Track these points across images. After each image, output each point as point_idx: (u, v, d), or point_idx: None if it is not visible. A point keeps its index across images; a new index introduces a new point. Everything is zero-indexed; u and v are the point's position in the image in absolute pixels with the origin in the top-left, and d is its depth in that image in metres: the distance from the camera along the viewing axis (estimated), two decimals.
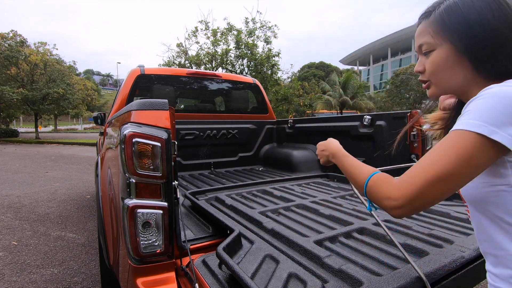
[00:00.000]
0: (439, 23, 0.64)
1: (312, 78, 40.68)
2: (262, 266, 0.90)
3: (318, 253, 0.94)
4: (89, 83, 33.80)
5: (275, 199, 1.72)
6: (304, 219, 1.36)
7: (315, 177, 2.34)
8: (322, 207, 1.51)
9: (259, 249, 1.00)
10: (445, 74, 0.65)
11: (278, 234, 1.12)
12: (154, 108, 1.02)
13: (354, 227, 1.21)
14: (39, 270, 2.29)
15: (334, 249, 1.03)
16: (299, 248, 1.00)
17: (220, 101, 3.75)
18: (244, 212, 1.39)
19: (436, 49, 0.65)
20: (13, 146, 14.97)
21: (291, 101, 11.44)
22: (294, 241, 1.04)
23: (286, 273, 0.85)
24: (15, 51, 16.76)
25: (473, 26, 0.59)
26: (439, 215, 1.36)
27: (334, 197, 1.71)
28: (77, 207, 3.98)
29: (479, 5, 0.59)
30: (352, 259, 0.95)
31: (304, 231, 1.19)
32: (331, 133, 2.55)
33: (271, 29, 11.18)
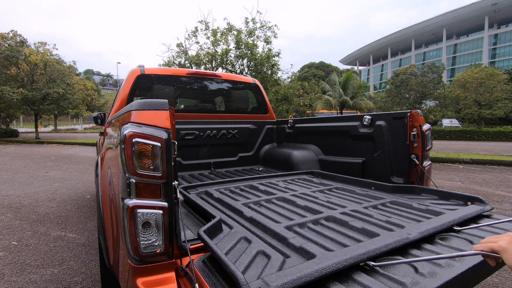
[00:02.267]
0: None
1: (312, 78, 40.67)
2: (236, 245, 1.04)
3: (285, 235, 1.11)
4: (89, 83, 33.82)
5: (259, 192, 1.88)
6: (281, 209, 1.52)
7: (301, 173, 2.46)
8: (300, 199, 1.66)
9: (236, 233, 1.14)
10: None
11: (254, 221, 1.28)
12: (154, 108, 1.01)
13: (323, 215, 1.38)
14: (39, 270, 2.29)
15: (301, 232, 1.20)
16: (271, 232, 1.17)
17: (220, 101, 3.75)
18: (228, 203, 1.56)
19: None
20: (13, 146, 14.96)
21: (291, 101, 11.43)
22: (267, 226, 1.20)
23: (255, 251, 1.00)
24: (15, 51, 16.75)
25: None
26: (402, 206, 1.54)
27: (313, 191, 1.87)
28: (77, 207, 3.98)
29: None
30: (314, 239, 1.12)
31: (278, 219, 1.36)
32: (331, 133, 2.55)
33: (271, 29, 11.16)
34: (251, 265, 0.91)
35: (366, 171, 2.19)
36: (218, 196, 1.70)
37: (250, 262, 0.92)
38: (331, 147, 2.60)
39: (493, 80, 20.12)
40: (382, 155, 2.04)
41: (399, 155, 1.95)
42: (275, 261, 0.93)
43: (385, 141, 2.02)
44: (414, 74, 21.85)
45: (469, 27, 50.51)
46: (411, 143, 1.89)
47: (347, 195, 1.80)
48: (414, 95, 21.56)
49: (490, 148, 11.93)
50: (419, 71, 22.54)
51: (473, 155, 8.50)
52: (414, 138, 1.86)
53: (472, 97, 20.83)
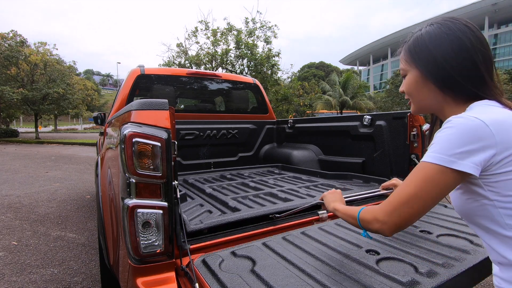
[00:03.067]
0: (409, 52, 0.76)
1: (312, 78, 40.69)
2: (192, 208, 1.43)
3: (227, 201, 1.59)
4: (89, 83, 33.84)
5: (225, 179, 2.37)
6: (236, 189, 2.00)
7: (267, 166, 2.93)
8: (254, 183, 2.14)
9: (195, 201, 1.66)
10: (417, 95, 0.77)
11: (211, 195, 1.79)
12: (154, 108, 1.01)
13: (263, 191, 1.84)
14: (39, 270, 2.29)
15: (240, 200, 1.67)
16: (219, 201, 1.66)
17: (220, 101, 3.75)
18: (197, 186, 2.06)
19: (407, 74, 0.77)
20: (13, 146, 14.97)
21: (291, 101, 11.43)
22: (217, 197, 1.70)
23: (204, 210, 1.48)
24: (15, 51, 16.76)
25: (436, 57, 0.70)
26: (327, 186, 2.01)
27: (268, 178, 2.33)
28: (77, 207, 3.98)
29: (443, 40, 0.69)
30: (246, 204, 1.59)
31: (229, 194, 1.83)
32: (331, 133, 2.55)
33: (271, 29, 11.17)
34: (198, 216, 1.35)
35: (366, 171, 2.19)
36: (192, 182, 2.21)
37: (198, 215, 1.38)
38: (331, 147, 2.60)
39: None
40: (382, 155, 2.04)
41: (399, 155, 1.95)
42: (214, 214, 1.39)
43: (385, 141, 2.02)
44: None
45: None
46: (411, 143, 1.89)
47: (292, 180, 2.26)
48: None
49: None
50: None
51: None
52: (414, 138, 1.86)
53: None
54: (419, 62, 0.74)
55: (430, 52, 0.71)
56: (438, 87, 0.72)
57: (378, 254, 1.00)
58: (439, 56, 0.69)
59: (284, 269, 0.91)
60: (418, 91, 0.76)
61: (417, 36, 0.75)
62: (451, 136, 0.60)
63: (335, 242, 1.10)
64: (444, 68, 0.69)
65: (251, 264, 0.95)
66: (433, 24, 0.73)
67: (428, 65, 0.72)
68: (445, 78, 0.70)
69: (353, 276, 0.86)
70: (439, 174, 0.61)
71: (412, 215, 0.65)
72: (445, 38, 0.69)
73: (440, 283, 0.83)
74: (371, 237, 0.97)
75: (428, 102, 0.76)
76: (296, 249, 1.05)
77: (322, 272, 0.89)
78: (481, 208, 0.64)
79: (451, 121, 0.62)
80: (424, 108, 0.78)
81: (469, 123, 0.59)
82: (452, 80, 0.69)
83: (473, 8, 46.15)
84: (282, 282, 0.83)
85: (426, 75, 0.73)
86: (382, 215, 0.69)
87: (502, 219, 0.62)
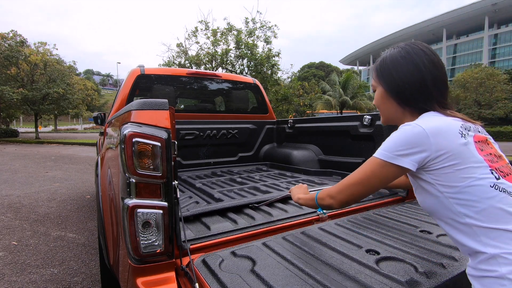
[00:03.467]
0: (376, 71, 0.91)
1: (312, 78, 40.68)
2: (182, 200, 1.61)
3: (213, 194, 1.78)
4: (89, 83, 33.83)
5: (216, 176, 2.53)
6: (223, 183, 2.17)
7: (258, 164, 3.10)
8: (240, 178, 2.33)
9: (185, 194, 1.85)
10: (383, 108, 0.91)
11: (200, 189, 1.98)
12: (154, 108, 1.01)
13: (248, 185, 2.03)
14: (39, 270, 2.29)
15: (226, 193, 1.83)
16: (206, 193, 1.86)
17: (220, 101, 3.75)
18: (189, 181, 2.22)
19: (376, 90, 0.92)
20: (13, 146, 14.97)
21: (291, 101, 11.43)
22: (205, 190, 1.90)
23: (192, 201, 1.69)
24: (15, 51, 16.75)
25: (395, 78, 0.84)
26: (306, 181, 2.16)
27: (255, 174, 2.49)
28: (77, 207, 3.98)
29: (401, 63, 0.83)
30: (230, 195, 1.78)
31: (216, 187, 2.00)
32: (331, 133, 2.55)
33: (271, 29, 11.17)
34: (186, 206, 1.53)
35: None
36: (185, 178, 2.37)
37: (186, 205, 1.57)
38: (331, 147, 2.60)
39: (493, 80, 20.14)
40: None
41: None
42: (201, 205, 1.59)
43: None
44: None
45: (469, 27, 50.53)
46: None
47: (277, 176, 2.42)
48: None
49: None
50: None
51: None
52: None
53: (472, 97, 20.84)
54: (383, 81, 0.88)
55: (391, 73, 0.85)
56: (397, 102, 0.86)
57: (378, 254, 1.00)
58: (397, 77, 0.83)
59: (284, 269, 0.91)
60: (383, 104, 0.90)
61: (383, 58, 0.89)
62: (396, 138, 0.76)
63: (335, 242, 1.10)
64: (402, 87, 0.83)
65: (251, 264, 0.95)
66: (395, 47, 0.87)
67: (390, 84, 0.86)
68: (402, 95, 0.84)
69: (353, 276, 0.86)
70: (381, 167, 0.78)
71: (356, 196, 0.84)
72: (403, 61, 0.83)
73: (440, 283, 0.83)
74: (325, 213, 1.35)
75: (392, 114, 0.90)
76: (296, 249, 1.05)
77: (322, 272, 0.89)
78: (437, 201, 0.76)
79: (401, 127, 0.77)
80: (389, 119, 0.92)
81: (412, 129, 0.74)
82: (408, 97, 0.83)
83: (473, 8, 46.12)
84: (282, 282, 0.83)
85: (389, 92, 0.87)
86: (334, 192, 0.89)
87: (455, 208, 0.73)
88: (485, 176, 0.70)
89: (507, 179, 0.72)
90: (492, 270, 0.67)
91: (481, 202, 0.69)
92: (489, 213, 0.68)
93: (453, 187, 0.72)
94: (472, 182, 0.70)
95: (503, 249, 0.66)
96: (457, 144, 0.71)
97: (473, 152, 0.72)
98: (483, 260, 0.69)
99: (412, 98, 0.82)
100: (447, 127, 0.74)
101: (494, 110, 20.31)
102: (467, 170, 0.70)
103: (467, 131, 0.75)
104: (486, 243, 0.68)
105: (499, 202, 0.68)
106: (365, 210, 1.54)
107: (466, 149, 0.71)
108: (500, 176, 0.71)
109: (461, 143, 0.72)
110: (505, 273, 0.65)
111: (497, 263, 0.66)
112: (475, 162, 0.71)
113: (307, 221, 1.37)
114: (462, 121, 0.77)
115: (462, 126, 0.75)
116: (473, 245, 0.70)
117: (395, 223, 1.31)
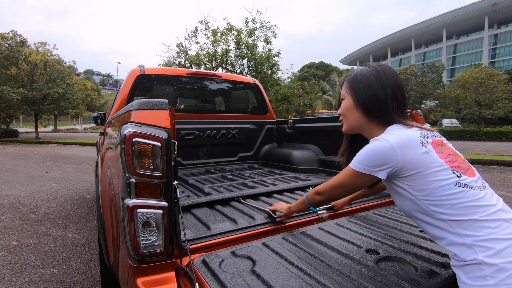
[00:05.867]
0: (348, 84, 1.02)
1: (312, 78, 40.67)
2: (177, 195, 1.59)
3: (204, 188, 1.89)
4: (89, 83, 33.82)
5: (208, 173, 2.60)
6: (215, 180, 2.26)
7: (251, 162, 3.17)
8: (231, 175, 2.40)
9: (180, 189, 1.92)
10: (349, 117, 1.02)
11: (193, 185, 2.05)
12: (154, 108, 1.01)
13: (237, 182, 2.12)
14: (39, 270, 2.29)
15: (216, 188, 1.93)
16: (198, 188, 1.95)
17: (220, 101, 3.75)
18: (182, 178, 2.32)
19: (345, 99, 1.03)
20: (13, 146, 14.97)
21: (291, 101, 11.42)
22: (197, 186, 1.99)
23: (184, 195, 1.82)
24: (15, 51, 16.73)
25: (363, 93, 0.97)
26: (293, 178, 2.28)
27: (245, 172, 2.59)
28: (77, 207, 3.98)
29: (371, 82, 0.96)
30: (219, 190, 1.89)
31: (208, 184, 2.08)
32: (331, 133, 2.55)
33: (271, 29, 11.15)
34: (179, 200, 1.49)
35: None
36: (180, 175, 2.45)
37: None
38: (331, 147, 2.60)
39: (493, 80, 20.11)
40: None
41: None
42: (192, 198, 1.72)
43: None
44: (414, 74, 21.84)
45: (469, 27, 50.50)
46: None
47: (266, 174, 2.51)
48: (414, 95, 21.56)
49: (490, 148, 11.94)
50: (419, 71, 22.53)
51: (473, 155, 8.51)
52: None
53: (472, 97, 20.81)
54: (353, 93, 1.00)
55: (360, 89, 0.98)
56: (363, 114, 0.98)
57: (378, 254, 1.00)
58: (365, 93, 0.96)
59: (284, 269, 0.91)
60: (350, 114, 1.01)
61: (356, 74, 1.01)
62: (369, 152, 0.86)
63: (335, 242, 1.10)
64: (368, 101, 0.96)
65: (251, 264, 0.95)
66: (368, 67, 0.99)
67: (359, 98, 0.98)
68: (369, 108, 0.96)
69: (353, 276, 0.86)
70: (356, 176, 0.90)
71: (339, 194, 1.02)
72: (371, 79, 0.95)
73: (440, 283, 0.83)
74: (316, 210, 1.41)
75: (357, 124, 1.01)
76: (296, 249, 1.05)
77: (322, 272, 0.89)
78: (412, 203, 0.86)
79: (372, 141, 0.88)
80: (353, 128, 1.03)
81: (381, 144, 0.84)
82: (373, 110, 0.95)
83: (473, 8, 46.11)
84: (282, 282, 0.83)
85: (356, 104, 0.98)
86: (321, 190, 1.05)
87: (428, 208, 0.82)
88: (448, 177, 0.80)
89: (467, 174, 0.82)
90: (472, 259, 0.75)
91: (449, 199, 0.78)
92: (458, 208, 0.77)
93: (423, 190, 0.81)
94: (438, 184, 0.79)
95: (476, 236, 0.75)
96: (419, 154, 0.81)
97: (434, 158, 0.82)
98: (463, 251, 0.77)
99: (376, 111, 0.95)
100: (409, 139, 0.84)
101: (494, 110, 20.29)
102: (431, 174, 0.80)
103: (426, 138, 0.85)
104: (461, 233, 0.77)
105: (464, 197, 0.78)
106: (365, 210, 1.55)
107: (427, 156, 0.81)
108: (461, 174, 0.81)
109: (423, 151, 0.82)
110: (482, 259, 0.73)
111: (474, 252, 0.75)
112: (437, 166, 0.80)
113: (307, 221, 1.37)
114: (420, 130, 0.88)
115: (421, 135, 0.85)
116: (451, 237, 0.79)
117: (395, 223, 1.31)
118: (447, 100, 22.71)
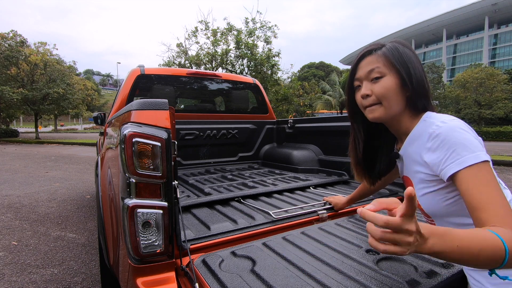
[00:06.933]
0: (386, 57, 0.80)
1: (312, 78, 40.69)
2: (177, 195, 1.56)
3: (204, 188, 1.89)
4: (89, 83, 33.80)
5: (209, 173, 2.61)
6: (215, 180, 2.27)
7: (251, 162, 3.19)
8: (231, 175, 2.41)
9: (180, 189, 1.94)
10: (391, 98, 0.80)
11: (193, 185, 2.05)
12: (154, 108, 1.01)
13: (237, 182, 2.11)
14: (39, 270, 2.29)
15: (216, 188, 1.94)
16: (198, 188, 1.95)
17: (220, 101, 3.75)
18: (182, 178, 2.34)
19: (384, 77, 0.80)
20: (13, 146, 14.97)
21: (291, 101, 11.43)
22: (197, 186, 2.00)
23: (184, 195, 1.82)
24: (15, 51, 16.73)
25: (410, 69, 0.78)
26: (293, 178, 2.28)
27: (245, 172, 2.61)
28: (77, 207, 3.98)
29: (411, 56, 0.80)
30: (219, 190, 1.90)
31: (208, 184, 2.08)
32: (331, 133, 2.55)
33: (271, 29, 11.16)
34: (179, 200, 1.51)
35: None
36: (180, 175, 2.47)
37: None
38: (331, 147, 2.60)
39: (493, 80, 20.12)
40: None
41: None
42: (192, 198, 1.73)
43: None
44: None
45: (469, 27, 50.50)
46: None
47: (266, 174, 2.52)
48: None
49: (490, 148, 11.94)
50: None
51: None
52: None
53: (472, 97, 20.83)
54: (399, 70, 0.79)
55: (406, 64, 0.79)
56: (404, 97, 0.80)
57: (378, 254, 1.00)
58: (413, 70, 0.79)
59: (284, 269, 0.91)
60: (393, 96, 0.80)
61: (395, 47, 0.81)
62: (468, 135, 0.68)
63: (335, 242, 1.10)
64: (418, 81, 0.78)
65: (251, 264, 0.95)
66: (397, 43, 0.82)
67: (408, 75, 0.79)
68: (417, 90, 0.78)
69: (353, 276, 0.87)
70: (491, 167, 0.68)
71: None
72: (412, 56, 0.80)
73: (440, 283, 0.83)
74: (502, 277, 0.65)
75: (398, 109, 0.81)
76: (296, 249, 1.05)
77: (322, 272, 0.89)
78: (454, 203, 0.74)
79: (456, 126, 0.70)
80: (392, 116, 0.82)
81: (466, 125, 0.71)
82: (421, 93, 0.79)
83: (473, 8, 46.10)
84: (282, 282, 0.83)
85: (403, 84, 0.79)
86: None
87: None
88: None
89: None
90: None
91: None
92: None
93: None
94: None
95: None
96: None
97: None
98: None
99: (421, 94, 0.78)
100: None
101: (494, 110, 20.29)
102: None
103: None
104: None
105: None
106: None
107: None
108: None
109: None
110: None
111: None
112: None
113: (307, 221, 1.37)
114: None
115: None
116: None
117: None
118: (447, 100, 22.73)
